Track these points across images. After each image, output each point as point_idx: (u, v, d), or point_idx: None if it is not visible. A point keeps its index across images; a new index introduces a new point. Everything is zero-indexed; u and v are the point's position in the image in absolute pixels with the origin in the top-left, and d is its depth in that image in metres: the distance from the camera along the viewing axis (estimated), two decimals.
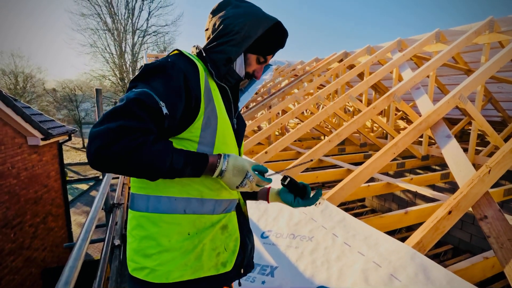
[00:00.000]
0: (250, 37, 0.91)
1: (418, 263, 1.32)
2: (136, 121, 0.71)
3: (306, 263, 1.62)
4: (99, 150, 0.66)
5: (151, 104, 0.73)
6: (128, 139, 0.68)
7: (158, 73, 0.80)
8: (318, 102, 4.67)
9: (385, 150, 2.22)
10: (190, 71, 0.83)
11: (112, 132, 0.67)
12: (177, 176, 0.78)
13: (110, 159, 0.67)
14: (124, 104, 0.72)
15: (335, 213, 1.89)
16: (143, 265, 0.84)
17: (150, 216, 0.86)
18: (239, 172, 0.84)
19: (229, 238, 0.94)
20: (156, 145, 0.72)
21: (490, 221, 1.42)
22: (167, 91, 0.77)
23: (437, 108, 2.37)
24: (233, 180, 0.84)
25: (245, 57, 0.96)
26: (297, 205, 1.05)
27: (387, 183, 3.20)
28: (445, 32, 4.34)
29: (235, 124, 1.01)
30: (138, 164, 0.70)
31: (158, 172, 0.73)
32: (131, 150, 0.68)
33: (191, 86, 0.81)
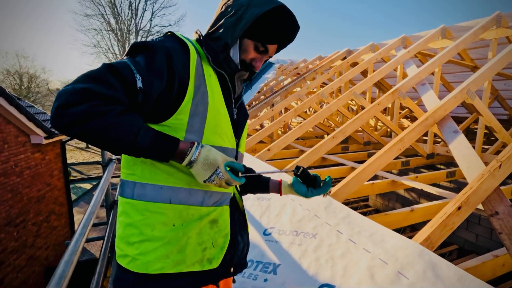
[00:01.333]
0: (244, 19, 0.84)
1: (427, 260, 1.27)
2: (105, 87, 0.67)
3: (309, 260, 1.57)
4: (59, 109, 0.63)
5: (126, 74, 0.70)
6: (90, 104, 0.64)
7: (143, 50, 0.77)
8: (321, 99, 4.62)
9: (390, 146, 2.17)
10: (177, 52, 0.79)
11: (76, 93, 0.64)
12: (141, 155, 0.73)
13: (68, 121, 0.63)
14: (98, 68, 0.69)
15: (340, 209, 1.85)
16: (125, 253, 0.82)
17: (135, 204, 0.82)
18: (209, 166, 0.76)
19: (218, 234, 0.88)
20: (121, 116, 0.68)
21: (501, 217, 1.37)
22: (148, 67, 0.74)
23: (444, 103, 2.31)
24: (201, 173, 0.76)
25: (241, 42, 0.88)
26: (311, 195, 1.02)
27: (392, 181, 3.14)
28: (451, 28, 4.27)
29: (235, 114, 0.96)
30: (97, 133, 0.65)
31: (118, 145, 0.69)
32: (90, 116, 0.64)
33: (176, 67, 0.77)
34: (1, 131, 5.31)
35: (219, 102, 0.87)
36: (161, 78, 0.75)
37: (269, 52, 0.92)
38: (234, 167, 0.80)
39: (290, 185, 1.06)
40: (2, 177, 5.27)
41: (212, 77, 0.86)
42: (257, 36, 0.88)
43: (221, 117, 0.87)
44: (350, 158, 4.65)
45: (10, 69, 23.01)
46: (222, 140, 0.87)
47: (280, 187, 1.09)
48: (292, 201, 2.14)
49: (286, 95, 5.86)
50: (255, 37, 0.88)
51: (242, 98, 1.03)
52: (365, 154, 4.95)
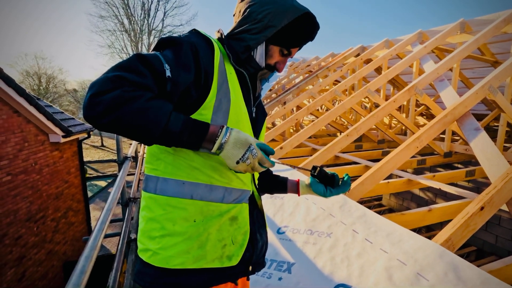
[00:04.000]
0: (273, 26, 0.86)
1: (448, 262, 1.23)
2: (136, 75, 0.68)
3: (325, 260, 1.55)
4: (92, 97, 0.63)
5: (156, 63, 0.71)
6: (123, 89, 0.65)
7: (170, 44, 0.80)
8: (334, 97, 4.55)
9: (407, 144, 2.11)
10: (203, 47, 0.81)
11: (108, 81, 0.64)
12: (173, 141, 0.72)
13: (102, 109, 0.63)
14: (128, 58, 0.71)
15: (355, 208, 1.82)
16: (147, 247, 0.83)
17: (157, 198, 0.84)
18: (241, 145, 0.75)
19: (238, 231, 0.89)
20: (152, 101, 0.68)
21: None
22: (176, 59, 0.76)
23: (464, 99, 2.23)
24: (233, 154, 0.75)
25: (267, 48, 0.91)
26: (330, 194, 1.02)
27: (408, 180, 3.07)
28: (470, 22, 4.12)
29: (253, 112, 0.97)
30: (129, 119, 0.65)
31: (151, 132, 0.68)
32: (124, 101, 0.64)
33: (202, 61, 0.79)
34: (22, 130, 5.51)
35: (240, 100, 0.88)
36: (188, 71, 0.77)
37: (291, 54, 0.96)
38: (265, 148, 0.79)
39: (308, 185, 1.06)
40: (23, 175, 5.47)
41: (232, 75, 0.88)
42: (283, 42, 0.91)
43: (241, 115, 0.88)
44: (364, 156, 4.57)
45: (29, 70, 23.85)
46: None
47: (298, 187, 1.09)
48: (306, 199, 2.12)
49: (298, 93, 5.81)
50: (281, 43, 0.91)
51: (261, 97, 1.04)
52: (379, 152, 4.85)
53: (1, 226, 4.89)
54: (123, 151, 2.73)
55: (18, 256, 5.23)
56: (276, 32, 0.88)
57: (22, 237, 5.40)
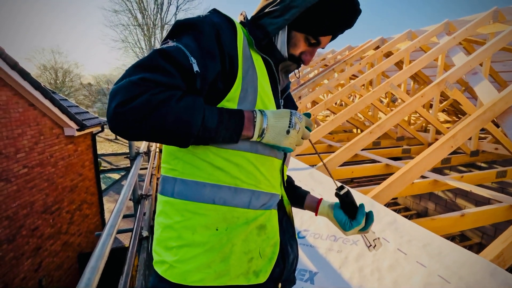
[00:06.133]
0: (295, 7, 0.72)
1: (502, 281, 1.07)
2: (161, 75, 0.59)
3: (352, 270, 1.41)
4: (117, 107, 0.54)
5: (181, 58, 0.61)
6: (151, 93, 0.56)
7: (189, 29, 0.67)
8: (352, 92, 4.34)
9: (442, 143, 1.92)
10: (224, 27, 0.69)
11: (133, 85, 0.55)
12: (211, 139, 0.64)
13: (130, 118, 0.55)
14: (149, 56, 0.60)
15: (384, 213, 1.66)
16: (163, 259, 0.73)
17: (174, 203, 0.72)
18: (282, 115, 0.69)
19: (267, 242, 0.76)
20: (184, 100, 0.59)
21: None
22: (199, 47, 0.64)
23: (505, 95, 2.01)
24: (280, 125, 0.68)
25: (290, 34, 0.77)
26: (350, 228, 0.84)
27: (434, 181, 2.86)
28: (505, 11, 3.80)
29: (281, 106, 0.84)
30: (163, 123, 0.57)
31: (188, 133, 0.60)
32: (154, 106, 0.56)
33: (224, 43, 0.67)
34: (38, 123, 5.57)
35: (268, 90, 0.76)
36: (214, 59, 0.66)
37: (321, 44, 0.80)
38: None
39: (330, 207, 0.91)
40: (39, 167, 5.54)
41: (259, 61, 0.75)
42: (308, 28, 0.76)
43: (269, 107, 0.75)
44: (383, 154, 4.36)
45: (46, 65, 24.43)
46: None
47: (318, 207, 0.94)
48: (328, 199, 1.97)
49: (314, 87, 5.61)
50: (306, 30, 0.76)
51: (289, 90, 0.90)
52: (399, 150, 4.62)
53: (18, 217, 4.98)
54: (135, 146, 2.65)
55: (34, 247, 5.34)
56: (301, 15, 0.73)
57: (39, 228, 5.50)
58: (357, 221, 0.82)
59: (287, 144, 0.70)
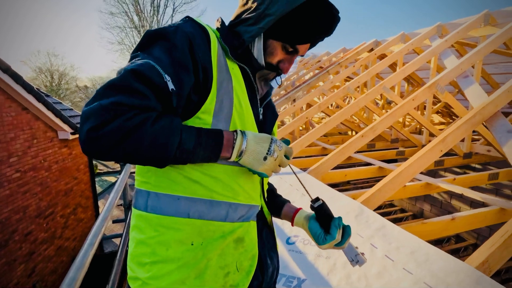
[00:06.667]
0: (270, 15, 0.69)
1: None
2: (134, 97, 0.57)
3: (339, 277, 1.40)
4: (90, 132, 0.53)
5: (154, 77, 0.59)
6: (125, 118, 0.54)
7: (160, 39, 0.65)
8: (346, 94, 4.35)
9: (431, 147, 1.92)
10: (197, 36, 0.66)
11: (105, 110, 0.54)
12: (188, 160, 0.63)
13: (103, 143, 0.54)
14: (120, 76, 0.57)
15: (373, 219, 1.65)
16: (136, 275, 0.71)
17: (148, 217, 0.70)
18: (263, 140, 0.68)
19: (244, 255, 0.75)
20: (159, 122, 0.58)
21: None
22: (172, 61, 0.62)
23: (494, 98, 2.02)
24: (259, 150, 0.67)
25: (267, 43, 0.75)
26: (323, 243, 0.79)
27: (426, 184, 2.87)
28: (495, 14, 3.83)
29: (260, 114, 0.82)
30: (138, 147, 0.56)
31: (165, 155, 0.59)
32: (128, 131, 0.54)
33: (197, 54, 0.65)
34: (31, 127, 5.52)
35: (244, 100, 0.74)
36: (188, 73, 0.64)
37: (300, 52, 0.78)
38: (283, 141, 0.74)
39: (306, 218, 0.87)
40: (32, 171, 5.49)
41: (235, 71, 0.73)
42: (285, 37, 0.73)
43: (246, 117, 0.74)
44: (377, 156, 4.36)
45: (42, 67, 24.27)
46: None
47: (294, 217, 0.90)
48: None
49: (309, 90, 5.62)
50: (283, 38, 0.74)
51: (270, 97, 0.88)
52: (393, 152, 4.63)
53: (11, 222, 4.92)
54: None
55: (27, 252, 5.27)
56: (276, 23, 0.71)
57: (32, 233, 5.44)
58: (331, 236, 0.78)
59: (262, 170, 0.69)
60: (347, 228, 0.81)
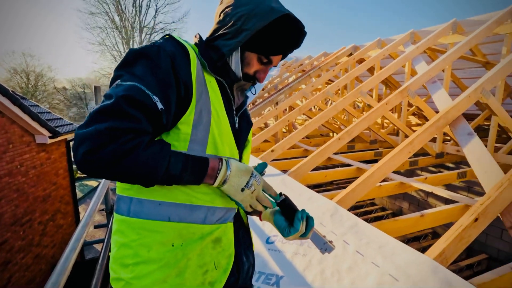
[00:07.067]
0: (247, 30, 0.77)
1: (442, 278, 1.18)
2: (127, 121, 0.63)
3: (314, 273, 1.49)
4: (86, 155, 0.59)
5: (145, 100, 0.65)
6: (119, 142, 0.61)
7: (144, 59, 0.70)
8: (326, 97, 4.50)
9: (400, 149, 2.06)
10: (178, 55, 0.73)
11: (101, 135, 0.60)
12: (174, 182, 0.70)
13: (99, 165, 0.60)
14: (113, 102, 0.63)
15: (346, 218, 1.76)
16: (119, 276, 0.75)
17: (130, 222, 0.75)
18: (243, 173, 0.76)
19: (222, 254, 0.81)
20: (150, 148, 0.65)
21: None
22: (158, 81, 0.68)
23: (457, 103, 2.19)
24: (238, 182, 0.75)
25: (244, 55, 0.82)
26: (288, 234, 0.85)
27: (400, 183, 3.03)
28: (462, 23, 4.10)
29: (236, 123, 0.89)
30: (130, 170, 0.63)
31: (153, 178, 0.66)
32: (122, 155, 0.61)
33: (180, 72, 0.71)
34: (6, 131, 5.32)
35: (221, 111, 0.80)
36: (173, 90, 0.70)
37: (273, 63, 0.86)
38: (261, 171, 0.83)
39: (271, 212, 0.92)
40: (7, 177, 5.29)
41: (212, 84, 0.80)
42: (260, 48, 0.82)
43: (223, 127, 0.80)
44: (356, 157, 4.54)
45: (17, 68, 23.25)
46: (225, 151, 0.81)
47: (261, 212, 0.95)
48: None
49: (291, 93, 5.75)
50: (258, 50, 0.82)
51: (246, 107, 0.96)
52: (371, 153, 4.82)
53: None
54: None
55: (3, 261, 5.07)
56: (252, 37, 0.79)
57: (8, 241, 5.23)
58: (295, 228, 0.84)
59: (239, 200, 0.76)
60: (310, 220, 0.87)
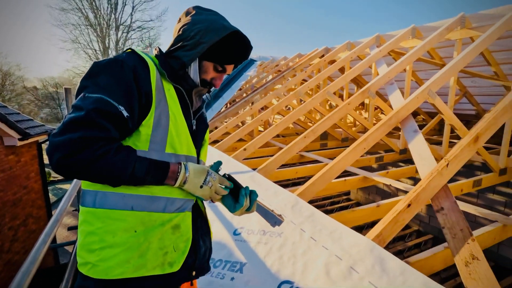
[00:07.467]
0: (204, 43, 0.91)
1: (376, 255, 1.37)
2: (97, 131, 0.75)
3: (273, 258, 1.65)
4: (61, 160, 0.71)
5: (111, 110, 0.77)
6: (90, 150, 0.72)
7: (109, 72, 0.82)
8: (298, 97, 4.70)
9: (356, 145, 2.27)
10: (139, 68, 0.85)
11: (74, 143, 0.72)
12: (139, 183, 0.82)
13: (72, 169, 0.73)
14: (85, 114, 0.75)
15: (305, 208, 1.93)
16: (86, 260, 0.84)
17: (96, 212, 0.85)
18: (201, 173, 0.90)
19: (180, 239, 0.93)
20: (118, 154, 0.77)
21: (446, 212, 1.49)
22: (122, 92, 0.80)
23: (406, 103, 2.43)
24: (196, 181, 0.88)
25: (201, 64, 0.96)
26: (234, 210, 0.98)
27: (364, 177, 3.28)
28: (421, 28, 4.43)
29: (194, 125, 1.02)
30: (100, 173, 0.75)
31: (119, 180, 0.79)
32: (93, 161, 0.73)
33: (141, 83, 0.84)
34: None
35: (178, 115, 0.93)
36: (135, 99, 0.83)
37: (226, 71, 1.02)
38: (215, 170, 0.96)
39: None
40: None
41: (171, 91, 0.93)
42: (215, 58, 0.97)
43: (181, 128, 0.93)
44: (328, 155, 4.78)
45: None
46: (182, 150, 0.93)
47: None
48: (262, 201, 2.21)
49: (266, 93, 5.92)
50: (214, 59, 0.97)
51: (203, 110, 1.10)
52: (341, 150, 5.08)
53: None
54: None
55: None
56: (209, 49, 0.93)
57: None
58: (240, 204, 0.97)
59: (199, 195, 0.91)
60: (253, 195, 1.01)
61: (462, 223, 1.38)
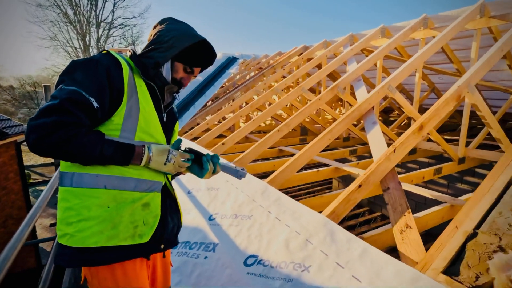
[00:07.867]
0: (176, 47, 1.08)
1: (329, 229, 1.58)
2: (68, 116, 0.88)
3: (243, 238, 1.83)
4: (36, 141, 0.84)
5: (83, 100, 0.91)
6: (62, 131, 0.85)
7: (84, 69, 0.96)
8: (277, 94, 4.90)
9: (321, 137, 2.48)
10: (113, 67, 1.00)
11: (47, 126, 0.84)
12: (107, 162, 0.96)
13: (47, 149, 0.86)
14: (59, 102, 0.89)
15: (273, 194, 2.12)
16: (65, 232, 0.98)
17: (73, 190, 0.99)
18: (162, 152, 1.04)
19: (149, 215, 1.07)
20: (88, 135, 0.91)
21: (390, 191, 1.71)
22: (94, 87, 0.94)
23: (368, 98, 2.66)
24: (160, 160, 1.02)
25: (173, 64, 1.13)
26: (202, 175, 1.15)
27: (335, 168, 3.51)
28: (390, 28, 4.72)
29: (164, 118, 1.18)
30: (71, 152, 0.88)
31: (90, 158, 0.92)
32: (65, 141, 0.86)
33: (113, 80, 0.99)
34: None
35: (149, 107, 1.09)
36: (106, 93, 0.97)
37: (194, 73, 1.20)
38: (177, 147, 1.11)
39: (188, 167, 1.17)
40: None
41: (143, 87, 1.08)
42: (185, 61, 1.15)
43: (151, 119, 1.09)
44: None
45: None
46: (152, 138, 1.09)
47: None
48: (236, 189, 2.38)
49: (247, 89, 6.08)
50: (184, 61, 1.15)
51: (173, 106, 1.26)
52: None
53: None
54: None
55: None
56: (180, 52, 1.11)
57: None
58: (205, 169, 1.14)
59: (165, 170, 1.07)
60: (214, 158, 1.18)
61: (402, 199, 1.60)
